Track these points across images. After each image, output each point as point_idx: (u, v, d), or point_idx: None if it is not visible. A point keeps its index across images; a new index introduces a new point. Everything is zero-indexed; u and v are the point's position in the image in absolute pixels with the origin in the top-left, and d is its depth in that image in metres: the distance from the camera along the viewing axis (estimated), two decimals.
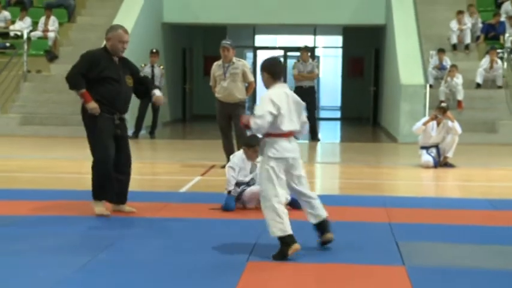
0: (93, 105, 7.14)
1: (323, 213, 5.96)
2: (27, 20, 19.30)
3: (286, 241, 5.62)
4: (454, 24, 18.74)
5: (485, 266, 5.69)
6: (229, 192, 7.73)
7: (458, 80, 16.80)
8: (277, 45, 28.47)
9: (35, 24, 19.36)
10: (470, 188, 10.54)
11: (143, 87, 7.71)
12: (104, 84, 7.25)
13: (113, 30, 7.40)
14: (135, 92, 7.63)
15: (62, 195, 8.62)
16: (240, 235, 6.60)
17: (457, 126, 12.06)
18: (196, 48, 25.39)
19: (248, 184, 7.82)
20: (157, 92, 7.68)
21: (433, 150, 12.07)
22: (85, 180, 7.86)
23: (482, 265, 5.71)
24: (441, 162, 12.00)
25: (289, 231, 5.63)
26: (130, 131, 17.17)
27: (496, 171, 12.09)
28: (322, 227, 5.94)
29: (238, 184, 7.77)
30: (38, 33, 19.13)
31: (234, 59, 11.24)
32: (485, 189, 10.17)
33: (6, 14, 19.64)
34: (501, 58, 17.84)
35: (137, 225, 7.12)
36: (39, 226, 6.96)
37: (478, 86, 17.57)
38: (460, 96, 16.75)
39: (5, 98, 17.53)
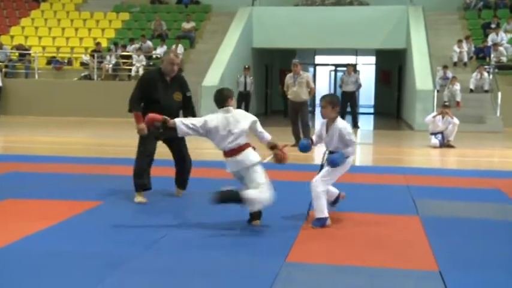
0: (140, 127, 5.67)
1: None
2: (164, 47, 19.55)
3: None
4: (455, 48, 18.36)
5: (474, 216, 5.55)
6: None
7: (457, 86, 16.35)
8: (330, 63, 28.12)
9: (169, 50, 19.65)
10: (465, 162, 10.25)
11: (185, 106, 5.97)
12: (153, 99, 5.72)
13: (166, 54, 5.91)
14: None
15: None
16: (301, 193, 6.52)
17: (455, 119, 11.82)
18: (275, 64, 25.32)
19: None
20: (177, 121, 5.22)
21: (439, 136, 11.79)
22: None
23: (472, 216, 5.56)
24: (445, 144, 11.70)
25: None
26: None
27: (483, 151, 11.72)
28: None
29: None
30: None
31: (301, 72, 11.20)
32: (475, 163, 9.87)
33: (149, 43, 20.02)
34: (488, 72, 17.36)
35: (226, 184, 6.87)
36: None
37: (471, 91, 17.06)
38: (458, 98, 16.28)
39: None
